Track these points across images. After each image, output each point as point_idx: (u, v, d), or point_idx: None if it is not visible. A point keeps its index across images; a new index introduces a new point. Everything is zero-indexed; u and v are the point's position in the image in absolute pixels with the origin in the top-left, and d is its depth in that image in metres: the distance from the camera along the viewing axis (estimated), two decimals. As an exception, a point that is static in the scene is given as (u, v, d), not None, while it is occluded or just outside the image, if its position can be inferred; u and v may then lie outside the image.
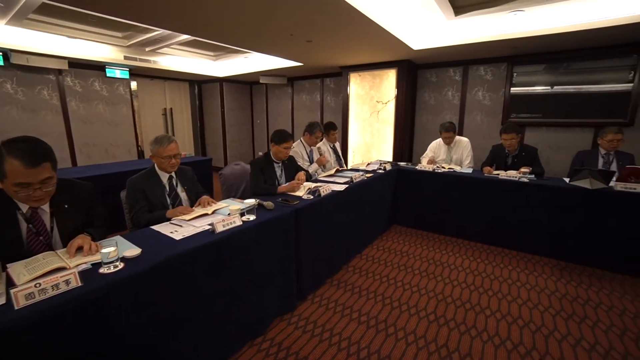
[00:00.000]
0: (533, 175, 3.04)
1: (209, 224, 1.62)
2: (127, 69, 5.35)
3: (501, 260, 2.84)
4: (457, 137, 3.71)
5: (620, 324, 1.99)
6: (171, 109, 6.79)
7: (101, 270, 1.18)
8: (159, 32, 3.99)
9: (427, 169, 3.41)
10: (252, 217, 1.79)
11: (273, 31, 3.38)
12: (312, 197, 2.26)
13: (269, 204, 1.99)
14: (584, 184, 2.67)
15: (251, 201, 1.83)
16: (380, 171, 3.31)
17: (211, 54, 5.79)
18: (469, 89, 4.80)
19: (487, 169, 3.22)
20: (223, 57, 5.86)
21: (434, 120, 5.10)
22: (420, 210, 3.51)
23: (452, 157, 3.72)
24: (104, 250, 1.18)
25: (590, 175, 2.67)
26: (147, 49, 4.91)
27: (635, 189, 2.52)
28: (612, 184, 2.65)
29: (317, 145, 3.68)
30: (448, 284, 2.45)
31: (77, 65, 4.90)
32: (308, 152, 3.30)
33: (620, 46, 3.75)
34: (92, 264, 1.23)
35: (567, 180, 2.86)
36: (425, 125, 5.25)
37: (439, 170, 3.35)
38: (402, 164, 3.79)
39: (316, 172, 3.30)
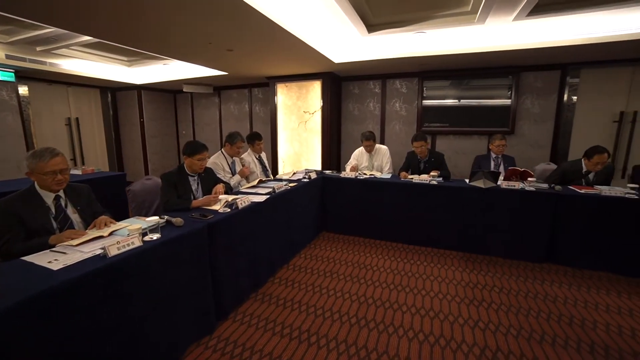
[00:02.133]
0: (441, 178, 3.38)
1: (101, 248, 1.43)
2: (12, 71, 4.56)
3: (418, 258, 3.08)
4: (377, 145, 3.96)
5: (515, 303, 2.29)
6: (77, 118, 5.98)
7: None
8: (50, 29, 3.49)
9: (350, 176, 3.56)
10: (156, 236, 1.64)
11: (189, 38, 3.22)
12: (229, 210, 2.17)
13: (177, 220, 1.84)
14: (479, 184, 3.06)
15: (154, 218, 1.68)
16: (305, 180, 3.35)
17: (124, 58, 5.28)
18: (387, 101, 5.20)
19: (403, 174, 3.50)
20: (138, 62, 5.39)
21: (359, 129, 5.39)
22: (346, 216, 3.63)
23: (374, 164, 3.95)
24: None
25: (484, 176, 3.07)
26: (38, 49, 4.26)
27: (515, 186, 2.97)
28: (499, 182, 3.08)
29: (241, 155, 3.59)
30: (370, 285, 2.56)
31: (-59, 65, 4.03)
32: (230, 163, 3.18)
33: (502, 68, 4.45)
34: None
35: (467, 181, 3.25)
36: (351, 134, 5.51)
37: (361, 177, 3.52)
38: (328, 172, 3.90)
39: (239, 183, 3.20)
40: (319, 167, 5.27)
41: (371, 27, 3.46)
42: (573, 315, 2.15)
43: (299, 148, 5.46)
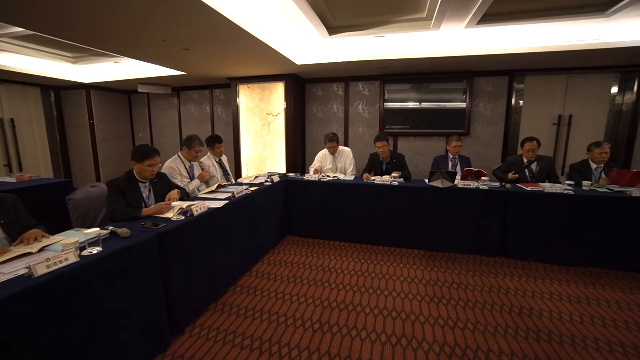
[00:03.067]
0: (402, 179, 3.47)
1: (25, 267, 1.26)
2: None
3: (381, 258, 3.12)
4: (341, 147, 3.98)
5: (472, 298, 2.38)
6: (12, 119, 5.39)
7: None
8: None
9: (313, 178, 3.54)
10: (96, 250, 1.49)
11: (136, 34, 3.01)
12: (183, 217, 2.04)
13: (123, 230, 1.70)
14: (438, 183, 3.18)
15: (94, 230, 1.52)
16: (267, 183, 3.27)
17: (68, 54, 4.85)
18: (350, 103, 5.25)
19: (365, 175, 3.53)
20: (85, 59, 4.98)
21: (323, 131, 5.39)
22: (311, 219, 3.60)
23: (337, 165, 3.97)
24: None
25: (441, 176, 3.19)
26: (-38, 43, 3.78)
27: (470, 185, 3.12)
28: (456, 182, 3.22)
29: (201, 159, 3.44)
30: (334, 288, 2.54)
31: None
32: (188, 167, 3.02)
33: (457, 73, 4.68)
34: None
35: (427, 181, 3.35)
36: (316, 135, 5.50)
37: (324, 179, 3.51)
38: (292, 174, 3.85)
39: (198, 188, 3.05)
40: (283, 170, 5.20)
41: (332, 29, 3.46)
42: (522, 306, 2.29)
43: (263, 151, 5.35)
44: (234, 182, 3.60)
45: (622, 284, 2.61)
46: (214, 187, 2.85)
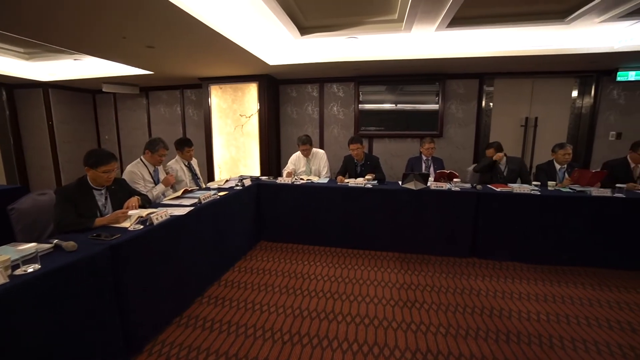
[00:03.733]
0: (376, 181, 3.45)
1: (-58, 292, 1.10)
2: None
3: (355, 262, 3.07)
4: (315, 150, 3.92)
5: (445, 301, 2.38)
6: (-42, 121, 4.93)
7: None
8: None
9: (286, 181, 3.45)
10: (33, 268, 1.33)
11: (91, 30, 2.81)
12: (142, 227, 1.90)
13: (69, 244, 1.54)
14: (411, 185, 3.18)
15: (31, 245, 1.37)
16: (238, 188, 3.15)
17: (20, 50, 4.49)
18: (325, 105, 5.21)
19: (339, 178, 3.49)
20: (40, 56, 4.63)
21: (298, 132, 5.30)
22: (284, 224, 3.51)
23: (311, 168, 3.90)
24: None
25: (415, 178, 3.19)
26: None
27: (442, 187, 3.14)
28: (429, 183, 3.23)
29: (169, 163, 3.28)
30: (306, 296, 2.47)
31: None
32: (152, 171, 2.85)
33: (429, 75, 4.75)
34: None
35: (400, 183, 3.35)
36: (291, 137, 5.41)
37: (298, 182, 3.43)
38: (265, 178, 3.74)
39: (164, 194, 2.89)
40: (258, 173, 5.07)
41: (303, 30, 3.40)
42: (493, 307, 2.31)
43: (236, 153, 5.20)
44: (203, 186, 3.46)
45: (585, 281, 2.70)
46: (179, 193, 2.70)
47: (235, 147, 5.19)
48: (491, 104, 4.89)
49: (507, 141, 4.51)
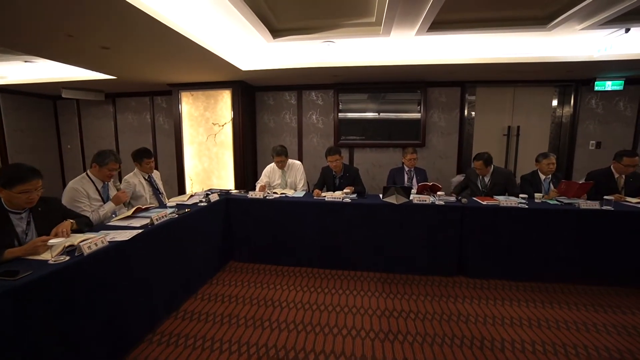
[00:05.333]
0: (355, 195, 3.20)
1: None
2: None
3: (333, 285, 2.79)
4: (291, 161, 3.65)
5: (431, 331, 2.12)
6: None
7: None
8: None
9: (258, 196, 3.15)
10: None
11: (35, 27, 2.48)
12: (67, 258, 1.56)
13: (-46, 289, 1.19)
14: (392, 199, 2.95)
15: None
16: (202, 204, 2.83)
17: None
18: (304, 113, 4.98)
19: (316, 191, 3.22)
20: (-14, 58, 4.19)
21: (276, 142, 5.03)
22: (256, 242, 3.20)
23: (287, 180, 3.62)
24: None
25: (396, 192, 2.97)
26: None
27: (426, 200, 2.92)
28: (411, 197, 3.01)
29: (125, 177, 2.94)
30: (275, 329, 2.16)
31: None
32: (100, 188, 2.50)
33: (411, 83, 4.60)
34: None
35: (381, 196, 3.12)
36: (268, 147, 5.12)
37: (271, 197, 3.15)
38: (235, 192, 3.43)
39: (115, 213, 2.53)
40: (232, 185, 4.75)
41: (276, 32, 3.16)
42: (484, 337, 2.07)
43: (209, 164, 4.86)
44: (167, 202, 3.12)
45: (577, 300, 2.52)
46: (130, 212, 2.36)
47: (208, 158, 4.86)
48: (473, 112, 4.78)
49: (490, 150, 4.32)
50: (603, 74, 4.26)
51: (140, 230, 2.02)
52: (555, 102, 4.76)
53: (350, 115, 4.80)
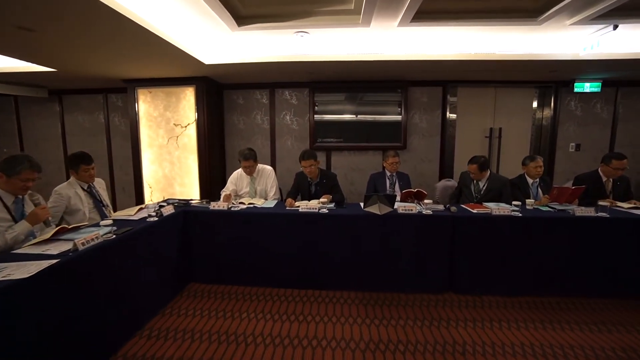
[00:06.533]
0: (333, 204, 2.85)
1: None
2: None
3: (309, 310, 2.41)
4: (260, 166, 3.24)
5: (416, 369, 1.79)
6: None
7: None
8: None
9: (221, 207, 2.72)
10: None
11: None
12: None
13: None
14: (374, 209, 2.61)
15: None
16: (151, 219, 2.36)
17: None
18: (277, 113, 4.58)
19: (289, 201, 2.83)
20: None
21: (246, 145, 4.60)
22: (220, 260, 2.76)
23: (256, 188, 3.21)
24: None
25: (379, 200, 2.64)
26: None
27: (412, 210, 2.61)
28: (396, 205, 2.69)
29: (56, 188, 2.43)
30: (237, 376, 1.75)
31: None
32: (10, 204, 1.97)
33: (391, 82, 4.33)
34: None
35: (362, 205, 2.78)
36: (238, 151, 4.67)
37: (236, 208, 2.72)
38: (195, 202, 2.97)
39: (33, 235, 2.01)
40: (197, 194, 4.26)
41: (241, 19, 2.76)
42: (484, 372, 1.76)
43: (171, 170, 4.34)
44: (111, 215, 2.62)
45: (579, 318, 2.29)
46: (48, 235, 1.86)
47: (169, 163, 4.34)
48: (455, 114, 4.59)
49: (472, 153, 4.15)
50: (583, 76, 4.19)
51: (53, 262, 1.54)
52: (535, 104, 4.66)
53: (327, 116, 4.46)
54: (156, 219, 2.40)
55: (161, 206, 2.64)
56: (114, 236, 1.95)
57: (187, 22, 2.76)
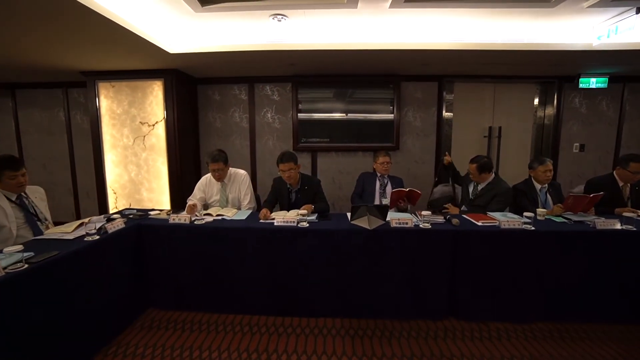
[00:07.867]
0: (315, 215, 2.45)
1: None
2: None
3: (285, 344, 2.00)
4: (233, 170, 2.82)
5: None
6: None
7: None
8: None
9: (182, 220, 2.28)
10: None
11: None
12: None
13: None
14: (363, 223, 2.21)
15: None
16: (90, 238, 1.92)
17: None
18: (257, 110, 4.15)
19: (263, 212, 2.41)
20: None
21: (224, 145, 4.18)
22: (183, 283, 2.33)
23: (228, 196, 2.78)
24: None
25: (368, 212, 2.24)
26: None
27: (407, 224, 2.22)
28: (389, 217, 2.30)
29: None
30: None
31: None
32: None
33: (382, 76, 3.94)
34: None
35: (349, 216, 2.39)
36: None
37: (200, 221, 2.29)
38: (154, 213, 2.53)
39: None
40: (167, 200, 3.81)
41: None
42: None
43: (137, 174, 3.88)
44: (46, 230, 2.17)
45: (604, 351, 1.94)
46: None
47: (136, 166, 3.87)
48: (451, 112, 4.23)
49: (470, 153, 3.81)
50: (590, 70, 3.86)
51: None
52: (537, 101, 4.34)
53: (312, 114, 4.05)
54: (97, 237, 1.95)
55: (110, 219, 2.19)
56: (26, 266, 1.51)
57: (142, 3, 2.32)
